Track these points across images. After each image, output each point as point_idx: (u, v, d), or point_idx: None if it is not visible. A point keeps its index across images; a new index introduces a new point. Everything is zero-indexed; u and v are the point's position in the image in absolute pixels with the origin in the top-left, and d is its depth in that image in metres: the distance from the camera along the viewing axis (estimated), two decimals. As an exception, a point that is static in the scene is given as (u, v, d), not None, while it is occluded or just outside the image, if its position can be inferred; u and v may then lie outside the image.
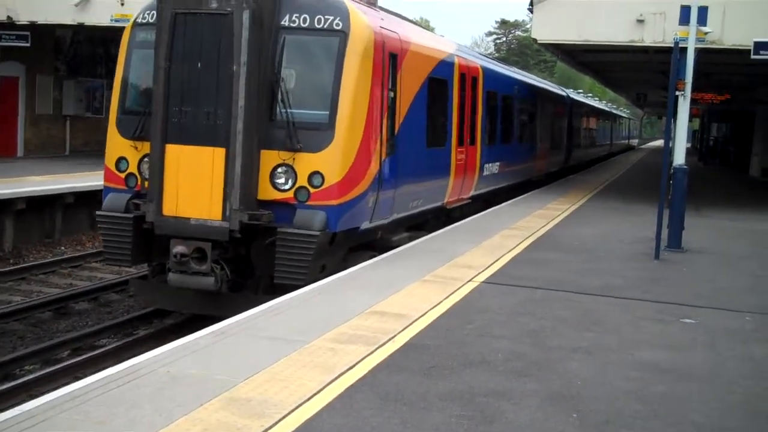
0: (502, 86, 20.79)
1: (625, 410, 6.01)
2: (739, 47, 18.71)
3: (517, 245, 13.32)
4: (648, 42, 19.93)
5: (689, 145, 43.45)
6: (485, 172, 18.64)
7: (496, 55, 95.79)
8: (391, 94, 12.04)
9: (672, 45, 13.71)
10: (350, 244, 11.60)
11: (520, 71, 28.53)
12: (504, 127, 20.89)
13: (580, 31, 20.52)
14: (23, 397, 8.29)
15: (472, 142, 17.37)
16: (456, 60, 16.02)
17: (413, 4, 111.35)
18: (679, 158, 14.18)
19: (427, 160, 14.08)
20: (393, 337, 7.57)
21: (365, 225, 11.46)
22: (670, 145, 14.26)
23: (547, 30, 20.91)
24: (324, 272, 10.63)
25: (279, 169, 10.43)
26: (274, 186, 10.46)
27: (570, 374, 6.81)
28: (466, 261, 11.68)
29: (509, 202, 20.49)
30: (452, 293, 9.58)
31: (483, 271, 11.01)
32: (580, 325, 8.49)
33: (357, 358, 6.87)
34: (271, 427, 5.34)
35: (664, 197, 13.27)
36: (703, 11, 14.21)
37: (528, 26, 26.35)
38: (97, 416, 5.37)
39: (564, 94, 34.55)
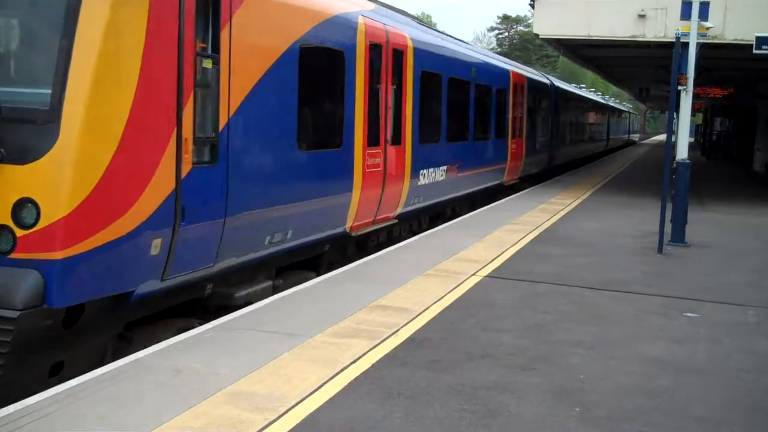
0: (448, 66, 16.18)
1: (628, 404, 6.01)
2: (741, 42, 18.69)
3: (520, 240, 13.33)
4: (650, 37, 19.94)
5: (692, 139, 43.40)
6: (421, 181, 14.46)
7: (498, 50, 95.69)
8: (207, 64, 7.83)
9: (674, 40, 13.70)
10: (122, 321, 7.44)
11: (484, 51, 24.52)
12: (453, 121, 16.54)
13: (582, 25, 20.54)
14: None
15: (397, 141, 13.18)
16: (361, 23, 11.56)
17: (415, 1, 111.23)
18: (682, 153, 14.17)
19: (299, 169, 9.90)
20: (396, 331, 7.58)
21: (150, 286, 7.28)
22: (673, 139, 14.26)
23: (549, 25, 20.93)
24: (63, 372, 6.67)
25: None
26: None
27: (573, 368, 6.81)
28: (469, 255, 11.69)
29: (512, 197, 20.47)
30: (455, 287, 9.59)
31: (486, 265, 11.01)
32: (583, 319, 8.50)
33: (360, 352, 6.88)
34: (274, 421, 5.35)
35: (667, 191, 13.27)
36: (704, 6, 14.20)
37: (530, 21, 26.20)
38: (102, 411, 5.38)
39: (547, 81, 29.85)
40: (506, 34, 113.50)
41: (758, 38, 17.06)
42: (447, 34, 18.65)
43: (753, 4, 19.05)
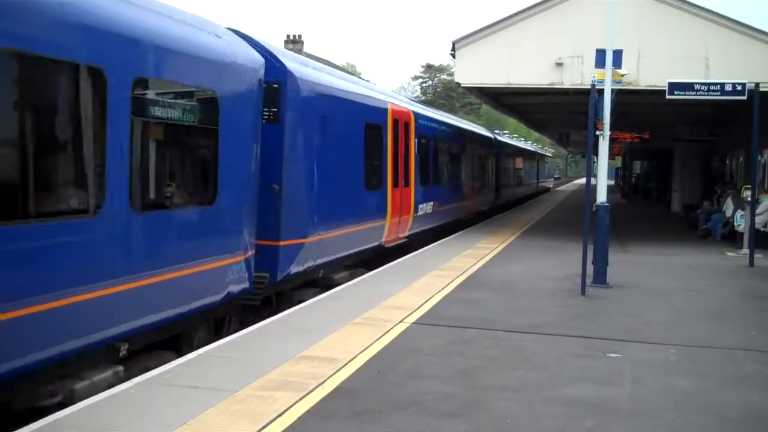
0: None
1: (554, 447, 6.05)
2: (655, 88, 19.36)
3: (447, 285, 13.41)
4: (567, 84, 20.52)
5: (612, 182, 44.34)
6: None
7: (423, 98, 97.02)
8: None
9: (590, 87, 14.11)
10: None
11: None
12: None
13: (502, 74, 21.03)
14: None
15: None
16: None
17: (340, 50, 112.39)
18: (601, 196, 14.49)
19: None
20: (323, 383, 7.51)
21: None
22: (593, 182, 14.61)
23: (469, 73, 21.37)
24: None
25: None
26: None
27: (499, 413, 6.84)
28: (397, 302, 11.70)
29: (438, 242, 20.63)
30: (383, 335, 9.57)
31: (413, 312, 11.03)
32: (509, 363, 8.56)
33: (286, 405, 6.78)
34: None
35: (588, 234, 13.54)
36: (617, 54, 14.68)
37: (452, 70, 26.79)
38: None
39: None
40: (430, 82, 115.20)
41: (671, 84, 17.72)
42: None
43: (665, 51, 19.81)
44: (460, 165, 26.98)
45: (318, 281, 13.88)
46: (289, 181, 12.22)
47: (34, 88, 6.78)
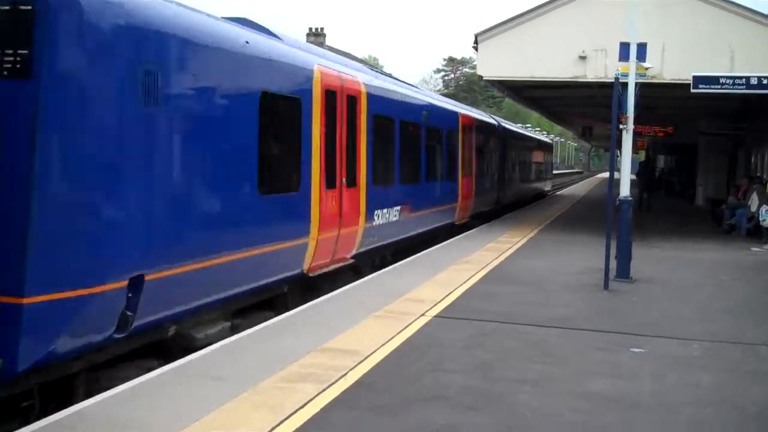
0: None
1: (575, 441, 6.05)
2: (680, 81, 19.22)
3: (469, 279, 13.40)
4: (590, 78, 20.40)
5: (635, 176, 44.00)
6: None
7: (445, 91, 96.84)
8: None
9: (613, 80, 14.03)
10: None
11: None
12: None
13: (524, 67, 20.95)
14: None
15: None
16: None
17: (362, 44, 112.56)
18: (625, 190, 14.42)
19: None
20: (344, 375, 7.54)
21: None
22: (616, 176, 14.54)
23: (492, 67, 21.29)
24: None
25: None
26: None
27: (520, 406, 6.83)
28: (418, 295, 11.71)
29: (461, 236, 20.60)
30: (404, 328, 9.58)
31: (435, 305, 11.04)
32: (530, 356, 8.55)
33: (307, 397, 6.82)
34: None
35: (611, 228, 13.48)
36: (642, 48, 14.58)
37: (475, 63, 26.47)
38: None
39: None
40: (452, 75, 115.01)
41: (695, 77, 17.60)
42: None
43: (690, 44, 19.64)
44: (439, 156, 20.74)
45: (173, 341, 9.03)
46: (59, 181, 7.02)
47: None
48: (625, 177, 14.63)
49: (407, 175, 17.42)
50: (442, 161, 20.85)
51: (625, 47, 14.59)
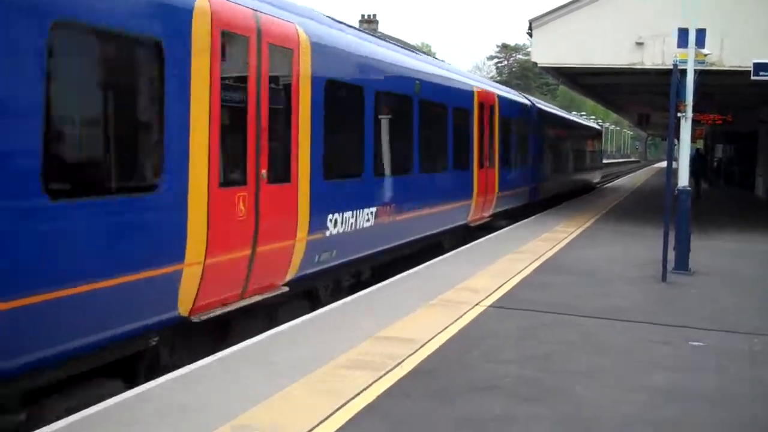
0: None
1: (634, 434, 6.00)
2: (739, 68, 18.80)
3: (524, 269, 13.33)
4: (648, 64, 20.07)
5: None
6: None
7: (498, 78, 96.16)
8: None
9: (671, 67, 13.78)
10: None
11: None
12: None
13: (580, 54, 20.68)
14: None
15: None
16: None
17: (415, 31, 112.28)
18: (683, 180, 14.19)
19: None
20: (401, 363, 7.57)
21: None
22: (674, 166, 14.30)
23: (547, 53, 21.07)
24: None
25: None
26: None
27: (578, 398, 6.79)
28: (473, 285, 11.69)
29: (513, 225, 20.47)
30: (459, 317, 9.58)
31: (489, 295, 11.01)
32: (588, 348, 8.48)
33: (365, 384, 6.86)
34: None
35: (669, 219, 13.27)
36: (701, 33, 14.30)
37: (529, 50, 26.07)
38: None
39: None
40: (505, 62, 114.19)
41: (756, 65, 17.20)
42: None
43: (750, 30, 19.18)
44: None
45: None
46: None
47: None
48: (684, 166, 14.38)
49: (387, 164, 13.16)
50: (447, 147, 16.51)
51: (683, 33, 14.32)
